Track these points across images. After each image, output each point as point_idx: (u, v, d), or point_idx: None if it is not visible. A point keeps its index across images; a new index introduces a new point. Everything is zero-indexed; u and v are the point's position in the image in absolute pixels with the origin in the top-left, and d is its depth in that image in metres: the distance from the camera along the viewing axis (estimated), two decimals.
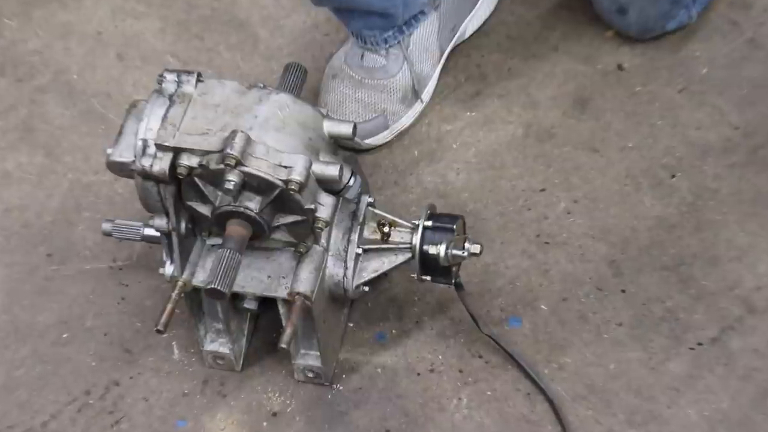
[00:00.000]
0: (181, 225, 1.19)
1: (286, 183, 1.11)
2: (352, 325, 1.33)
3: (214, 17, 1.62)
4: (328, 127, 1.19)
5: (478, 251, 1.22)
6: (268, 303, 1.22)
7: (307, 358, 1.26)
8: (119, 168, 1.18)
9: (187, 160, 1.12)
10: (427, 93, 1.49)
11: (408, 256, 1.23)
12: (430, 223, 1.22)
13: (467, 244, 1.22)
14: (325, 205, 1.16)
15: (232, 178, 1.10)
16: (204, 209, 1.16)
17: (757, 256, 1.33)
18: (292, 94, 1.18)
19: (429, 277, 1.24)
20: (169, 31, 1.61)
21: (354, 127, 1.19)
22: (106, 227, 1.29)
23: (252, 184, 1.12)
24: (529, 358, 1.28)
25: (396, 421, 1.25)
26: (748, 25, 1.53)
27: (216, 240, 1.21)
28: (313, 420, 1.26)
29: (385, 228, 1.22)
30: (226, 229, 1.14)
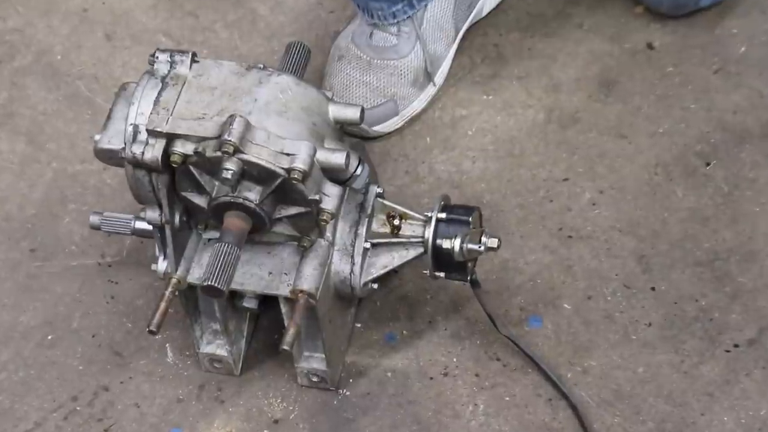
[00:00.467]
0: (175, 217, 1.19)
1: (288, 172, 1.12)
2: (359, 325, 1.34)
3: None
4: (334, 111, 1.20)
5: (496, 246, 1.22)
6: (269, 302, 1.23)
7: (312, 361, 1.27)
8: (108, 156, 1.18)
9: (181, 147, 1.13)
10: (440, 75, 1.49)
11: (420, 250, 1.23)
12: (443, 215, 1.22)
13: (484, 238, 1.22)
14: (330, 195, 1.17)
15: (230, 167, 1.11)
16: (200, 200, 1.17)
17: None
18: (294, 76, 1.19)
19: (443, 274, 1.24)
20: (161, 7, 1.62)
21: (362, 110, 1.20)
22: (94, 220, 1.29)
23: (251, 173, 1.13)
24: (550, 360, 1.28)
25: (407, 429, 1.26)
26: None
27: (213, 233, 1.22)
28: (317, 428, 1.27)
29: (396, 221, 1.23)
30: (223, 222, 1.15)
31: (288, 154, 1.12)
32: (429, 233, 1.22)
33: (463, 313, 1.33)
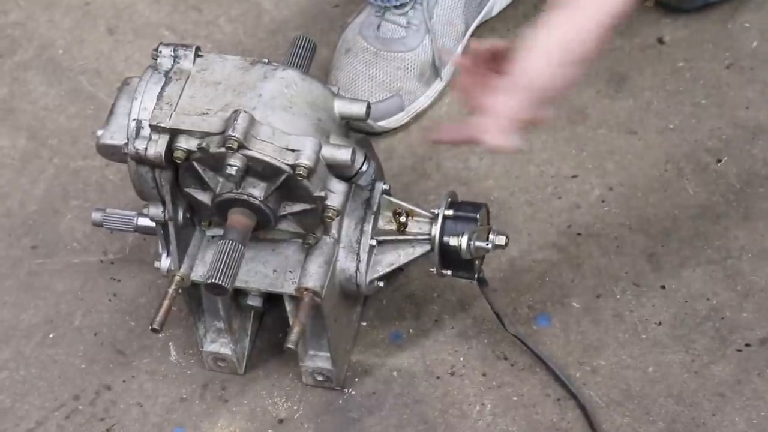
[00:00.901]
0: (178, 214, 1.19)
1: (293, 168, 1.12)
2: (365, 324, 1.34)
3: None
4: (340, 106, 1.20)
5: (504, 243, 1.23)
6: (273, 300, 1.23)
7: (317, 359, 1.27)
8: (110, 152, 1.19)
9: (184, 143, 1.13)
10: (447, 71, 1.49)
11: (427, 248, 1.23)
12: (450, 212, 1.23)
13: (492, 236, 1.23)
14: (336, 192, 1.17)
15: (235, 163, 1.11)
16: (203, 197, 1.17)
17: None
18: (299, 71, 1.19)
19: (450, 272, 1.25)
20: (164, 1, 1.62)
21: (368, 106, 1.20)
22: (97, 217, 1.30)
23: (256, 169, 1.13)
24: (559, 360, 1.29)
25: (413, 429, 1.26)
26: None
27: (216, 231, 1.22)
28: (322, 427, 1.27)
29: (402, 218, 1.23)
30: (227, 219, 1.15)
31: (293, 150, 1.12)
32: (436, 230, 1.22)
33: (470, 311, 1.33)
